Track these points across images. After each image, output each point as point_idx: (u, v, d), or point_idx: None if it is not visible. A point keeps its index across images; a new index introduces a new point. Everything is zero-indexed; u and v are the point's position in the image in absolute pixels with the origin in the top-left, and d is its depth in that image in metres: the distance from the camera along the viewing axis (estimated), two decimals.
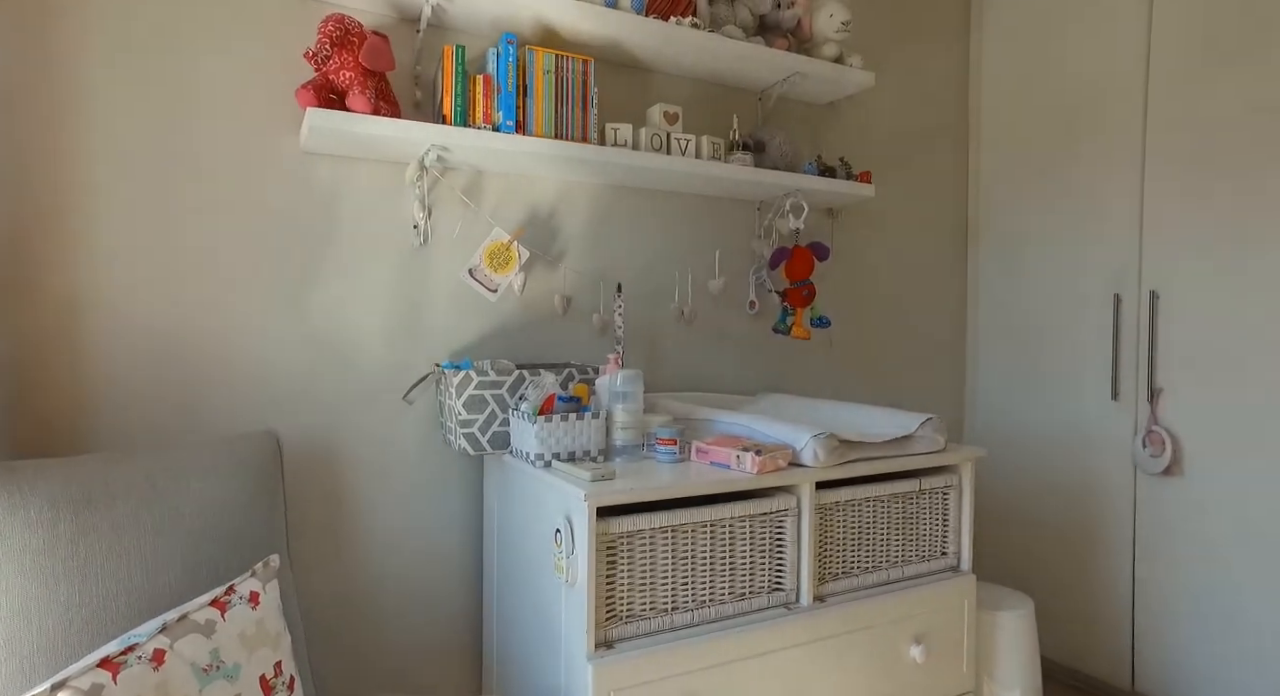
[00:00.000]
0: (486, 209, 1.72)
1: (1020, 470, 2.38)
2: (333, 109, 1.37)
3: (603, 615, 1.23)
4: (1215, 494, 1.91)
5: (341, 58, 1.35)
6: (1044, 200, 2.31)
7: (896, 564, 1.54)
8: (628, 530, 1.25)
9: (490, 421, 1.50)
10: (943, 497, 1.60)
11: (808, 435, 1.38)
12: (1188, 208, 1.96)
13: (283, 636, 1.00)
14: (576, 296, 1.83)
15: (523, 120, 1.57)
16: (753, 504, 1.36)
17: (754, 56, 1.84)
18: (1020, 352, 2.38)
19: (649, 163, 1.70)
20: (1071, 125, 2.23)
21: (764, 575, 1.39)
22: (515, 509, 1.50)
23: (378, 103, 1.40)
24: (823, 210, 2.21)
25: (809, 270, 1.92)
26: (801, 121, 2.19)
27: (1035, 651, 1.71)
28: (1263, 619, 1.82)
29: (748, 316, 2.08)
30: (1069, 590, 2.23)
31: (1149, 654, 2.04)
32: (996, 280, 2.46)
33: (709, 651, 1.29)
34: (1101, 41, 2.15)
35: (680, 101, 1.98)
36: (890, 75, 2.36)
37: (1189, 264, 1.96)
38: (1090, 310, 2.18)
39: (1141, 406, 2.06)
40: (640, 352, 1.93)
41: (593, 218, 1.86)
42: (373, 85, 1.39)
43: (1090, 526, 2.18)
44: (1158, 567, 2.02)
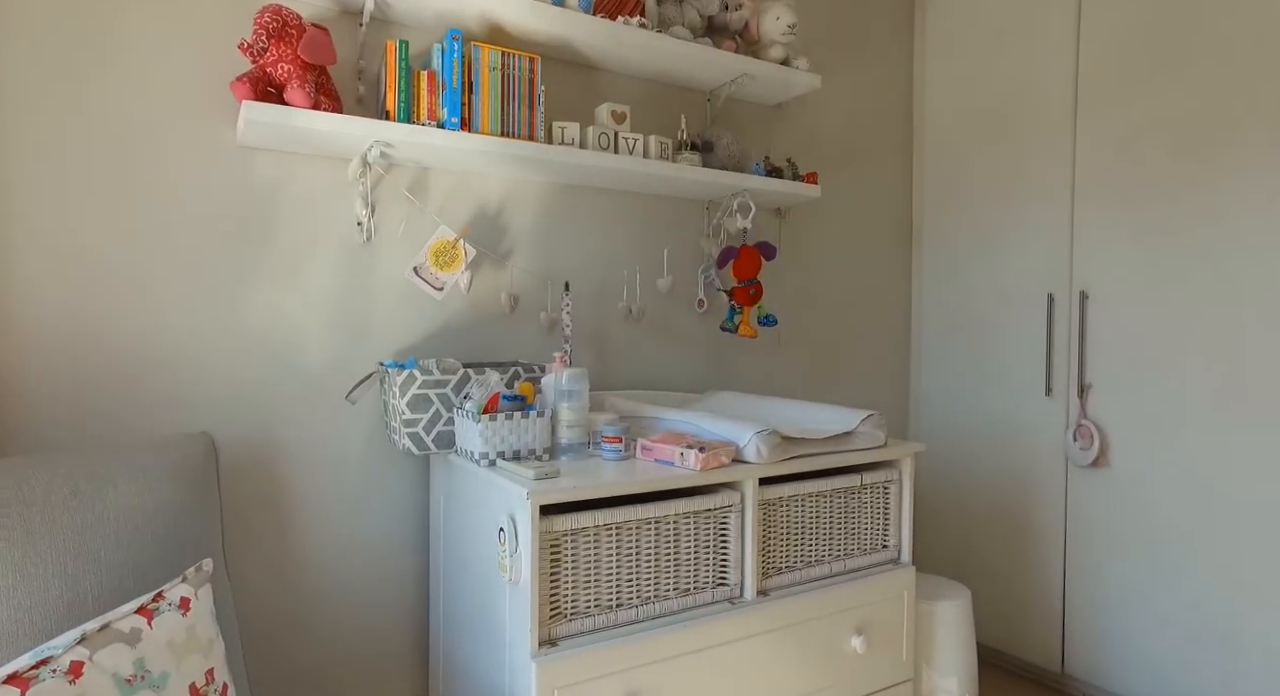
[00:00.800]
0: (432, 206, 1.70)
1: (961, 464, 2.45)
2: (270, 102, 1.34)
3: (546, 613, 1.23)
4: (1137, 484, 2.00)
5: (279, 50, 1.32)
6: (983, 203, 2.38)
7: (838, 557, 1.58)
8: (571, 528, 1.26)
9: (435, 421, 1.49)
10: (884, 492, 1.64)
11: (751, 432, 1.40)
12: (1113, 212, 2.05)
13: (215, 642, 0.98)
14: (524, 295, 1.82)
15: (468, 117, 1.55)
16: (697, 500, 1.38)
17: (701, 57, 1.86)
18: (962, 350, 2.46)
19: (596, 162, 1.70)
20: (1008, 132, 2.31)
21: (708, 570, 1.41)
22: (460, 508, 1.50)
23: (318, 97, 1.37)
24: (771, 210, 2.25)
25: (756, 269, 1.95)
26: (750, 122, 2.22)
27: (972, 639, 1.77)
28: (1177, 601, 1.91)
29: (696, 315, 2.11)
30: (1005, 578, 2.32)
31: (1078, 637, 2.13)
32: (939, 280, 2.53)
33: (653, 647, 1.30)
34: (1035, 54, 2.23)
35: (628, 101, 1.98)
36: (837, 79, 2.41)
37: (1115, 265, 2.05)
38: (1026, 309, 2.26)
39: (1072, 401, 2.14)
40: (588, 351, 1.93)
41: (540, 216, 1.86)
42: (313, 79, 1.36)
43: (1025, 517, 2.26)
44: (1087, 555, 2.11)
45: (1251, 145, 1.78)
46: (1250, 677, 1.79)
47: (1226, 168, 1.83)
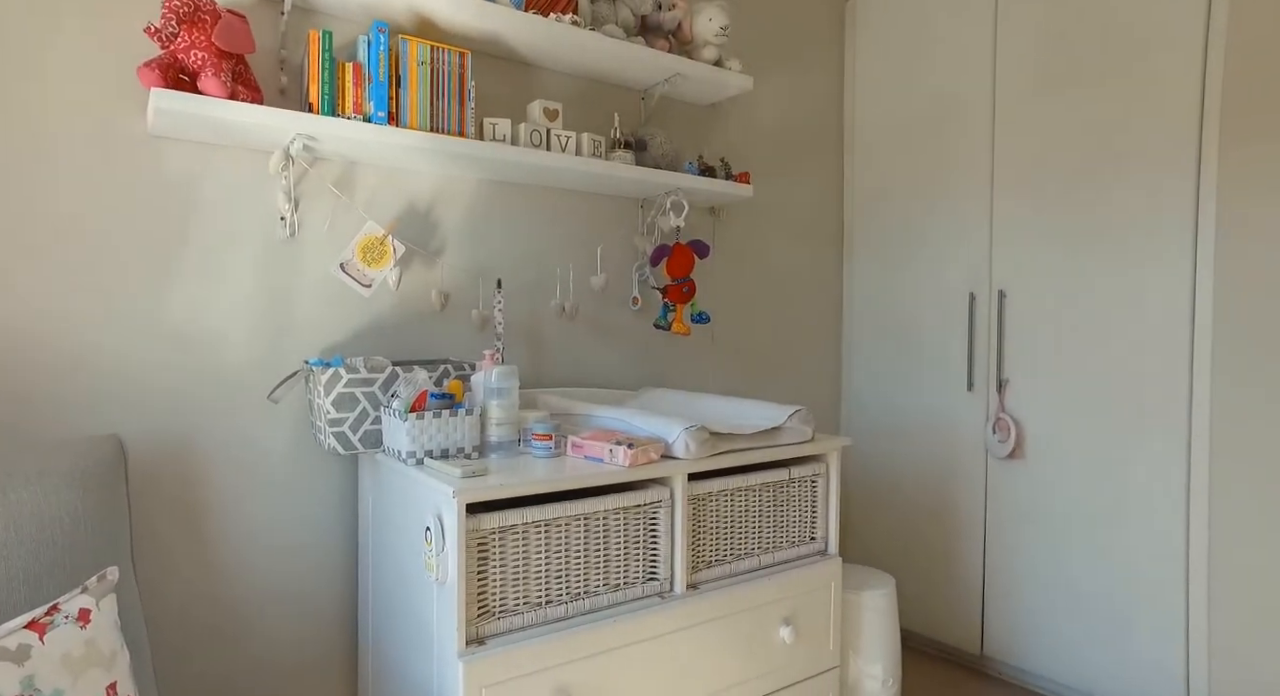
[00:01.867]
0: (360, 201, 1.66)
1: (889, 456, 2.53)
2: (182, 91, 1.29)
3: (474, 611, 1.23)
4: (1049, 474, 2.11)
5: (192, 36, 1.27)
6: (910, 204, 2.47)
7: (767, 550, 1.61)
8: (500, 526, 1.26)
9: (362, 419, 1.46)
10: (811, 485, 1.68)
11: (679, 428, 1.42)
12: (1028, 215, 2.15)
13: (119, 655, 0.94)
14: (455, 292, 1.80)
15: (396, 112, 1.53)
16: (627, 496, 1.39)
17: (634, 56, 1.87)
18: (890, 347, 2.54)
19: (528, 159, 1.69)
20: (933, 137, 2.39)
21: (638, 565, 1.42)
22: (389, 508, 1.47)
23: (235, 87, 1.33)
24: (704, 209, 2.28)
25: (689, 267, 1.97)
26: (684, 121, 2.24)
27: (896, 626, 1.83)
28: (1086, 583, 2.02)
29: (631, 312, 2.12)
30: (929, 566, 2.41)
31: (996, 620, 2.24)
32: (869, 279, 2.61)
33: (583, 642, 1.31)
34: (957, 64, 2.32)
35: (562, 98, 1.98)
36: (770, 81, 2.45)
37: (1030, 265, 2.15)
38: (950, 308, 2.35)
39: (992, 396, 2.24)
40: (521, 348, 1.92)
41: (472, 212, 1.84)
42: (229, 68, 1.31)
43: (948, 507, 2.36)
44: (1005, 542, 2.21)
45: (1148, 157, 1.90)
46: (1140, 653, 1.91)
47: (1127, 177, 1.94)
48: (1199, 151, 1.82)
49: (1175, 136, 1.85)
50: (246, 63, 1.39)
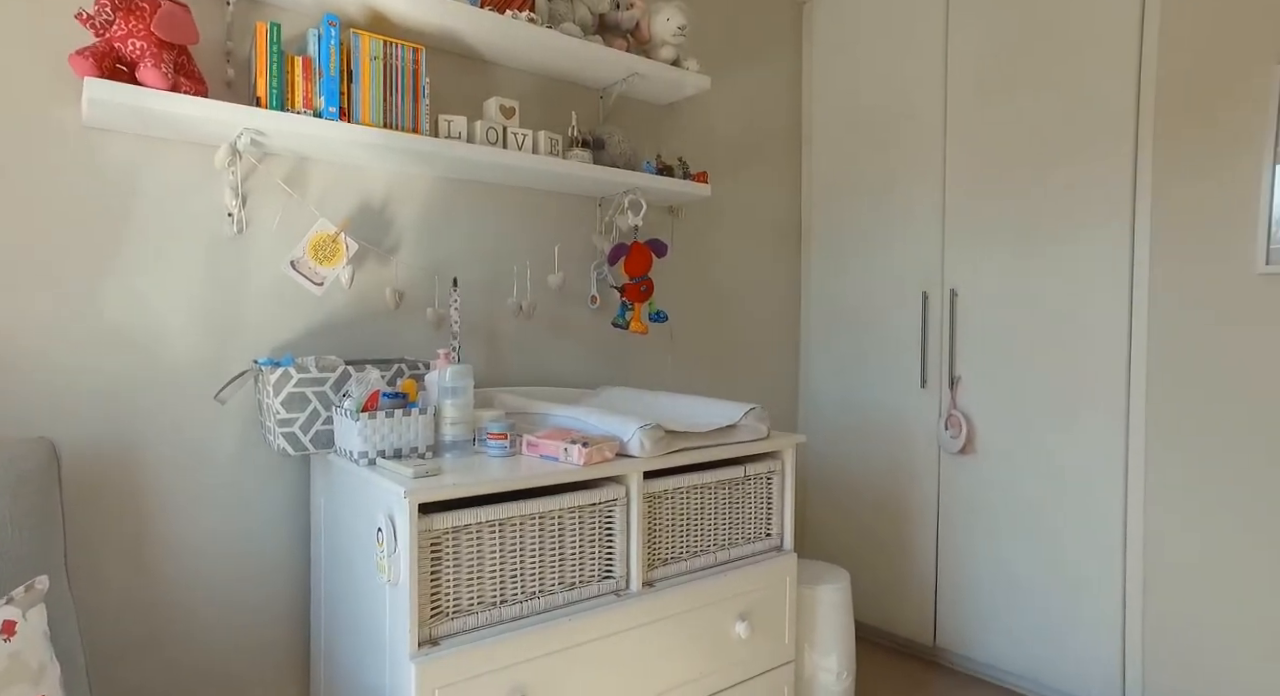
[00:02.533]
0: (311, 198, 1.63)
1: (845, 452, 2.58)
2: (119, 81, 1.25)
3: (427, 613, 1.22)
4: (998, 469, 2.16)
5: (129, 24, 1.23)
6: (867, 205, 2.51)
7: (723, 546, 1.63)
8: (453, 526, 1.25)
9: (313, 420, 1.43)
10: (766, 482, 1.70)
11: (634, 427, 1.43)
12: (979, 215, 2.20)
13: (48, 668, 0.91)
14: (410, 290, 1.78)
15: (348, 107, 1.50)
16: (582, 495, 1.39)
17: (591, 55, 1.87)
18: (847, 345, 2.58)
19: (484, 157, 1.68)
20: (887, 139, 2.44)
21: (594, 564, 1.42)
22: (341, 509, 1.45)
23: (177, 78, 1.29)
24: (663, 208, 2.29)
25: (647, 266, 1.98)
26: (642, 120, 2.24)
27: (850, 620, 1.87)
28: (1032, 574, 2.09)
29: (589, 311, 2.12)
30: (884, 560, 2.46)
31: (948, 612, 2.29)
32: (826, 277, 2.65)
33: (538, 642, 1.31)
34: (911, 67, 2.36)
35: (519, 95, 1.97)
36: (728, 81, 2.47)
37: (980, 265, 2.20)
38: (904, 306, 2.40)
39: (944, 393, 2.29)
40: (478, 347, 1.91)
41: (428, 210, 1.82)
42: (170, 58, 1.28)
43: (902, 501, 2.41)
44: (957, 536, 2.27)
45: (1087, 158, 1.96)
46: (1080, 640, 1.98)
47: (1068, 178, 2.00)
48: (1135, 154, 1.89)
49: (1112, 139, 1.92)
50: (190, 54, 1.36)
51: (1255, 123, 1.69)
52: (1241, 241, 1.72)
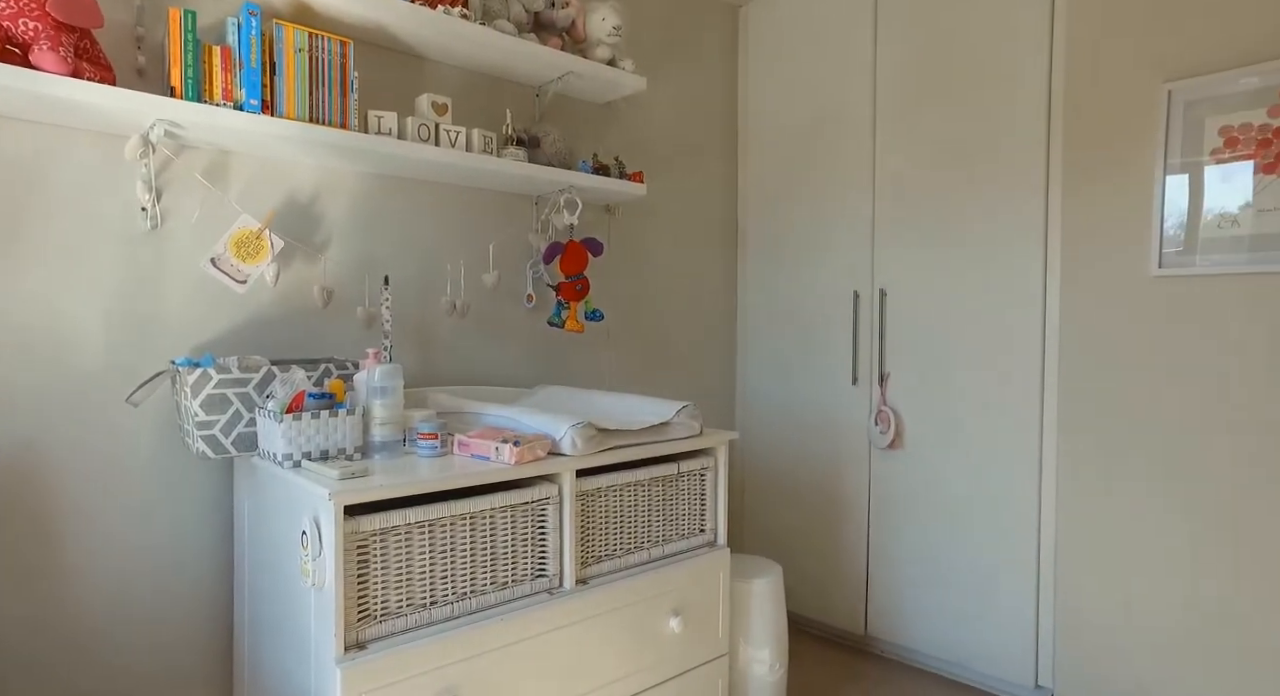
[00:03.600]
0: (233, 193, 1.58)
1: (781, 449, 2.64)
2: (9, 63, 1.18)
3: (353, 616, 1.20)
4: (924, 462, 2.25)
5: (20, 3, 1.16)
6: (801, 206, 2.57)
7: (657, 543, 1.65)
8: (381, 527, 1.23)
9: (235, 422, 1.39)
10: (700, 479, 1.73)
11: (566, 425, 1.43)
12: (906, 217, 2.28)
13: None
14: (339, 289, 1.75)
15: (271, 100, 1.46)
16: (515, 494, 1.39)
17: (525, 53, 1.86)
18: (782, 343, 2.64)
19: (416, 154, 1.66)
20: (821, 142, 2.50)
21: (526, 562, 1.42)
22: (265, 513, 1.41)
23: (79, 63, 1.23)
24: (600, 207, 2.29)
25: (583, 265, 1.98)
26: (579, 119, 2.25)
27: (783, 613, 1.91)
28: (956, 562, 2.18)
29: (525, 310, 2.11)
30: (818, 552, 2.52)
31: (879, 601, 2.37)
32: (762, 277, 2.70)
33: (470, 642, 1.30)
34: (842, 74, 2.43)
35: (452, 92, 1.95)
36: (666, 82, 2.50)
37: (907, 266, 2.29)
38: (837, 306, 2.47)
39: (874, 389, 2.37)
40: (410, 346, 1.88)
41: (358, 207, 1.79)
42: (70, 42, 1.22)
43: (834, 495, 2.48)
44: (886, 528, 2.35)
45: (1004, 166, 2.06)
46: (999, 623, 2.08)
47: (990, 187, 2.10)
48: (1046, 163, 1.99)
49: (1026, 149, 2.01)
50: (94, 38, 1.30)
51: (1148, 138, 1.80)
52: (1139, 246, 1.83)
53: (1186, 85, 1.74)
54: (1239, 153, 1.67)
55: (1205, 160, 1.72)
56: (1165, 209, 1.77)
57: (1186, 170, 1.74)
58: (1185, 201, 1.74)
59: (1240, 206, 1.67)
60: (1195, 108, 1.73)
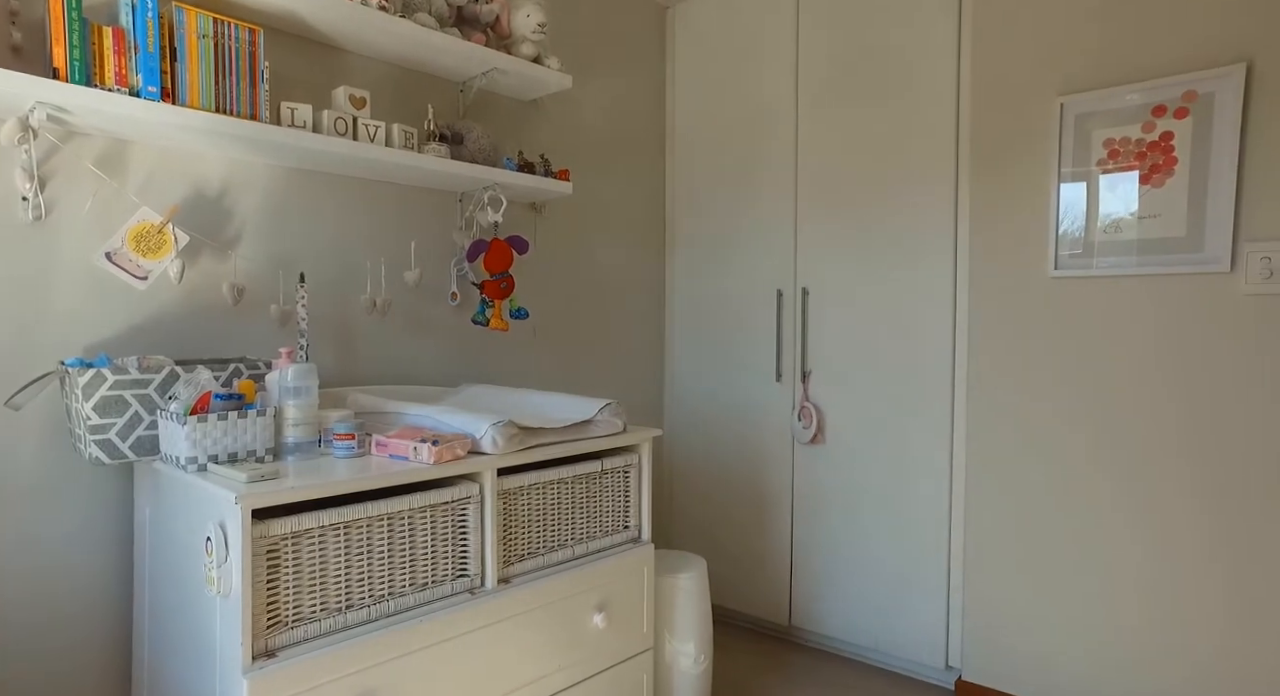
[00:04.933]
0: (131, 184, 1.50)
1: (708, 445, 2.68)
2: None
3: (262, 624, 1.16)
4: (845, 456, 2.33)
5: None
6: (727, 205, 2.62)
7: (581, 540, 1.65)
8: (293, 530, 1.19)
9: (134, 425, 1.33)
10: (624, 476, 1.75)
11: (487, 424, 1.42)
12: (826, 217, 2.36)
13: None
14: (252, 286, 1.68)
15: (172, 88, 1.39)
16: (434, 493, 1.37)
17: (448, 47, 1.84)
18: (709, 340, 2.68)
19: (333, 148, 1.61)
20: (746, 143, 2.56)
21: (447, 563, 1.41)
22: (168, 520, 1.35)
23: None
24: (526, 204, 2.28)
25: (508, 263, 1.97)
26: (505, 116, 2.23)
27: (707, 606, 1.95)
28: (874, 552, 2.26)
29: (449, 308, 2.08)
30: (744, 546, 2.58)
31: (802, 592, 2.44)
32: (689, 275, 2.74)
33: (388, 645, 1.28)
34: (766, 76, 2.49)
35: (371, 85, 1.90)
36: (593, 81, 2.50)
37: (828, 265, 2.36)
38: (761, 304, 2.53)
39: (797, 386, 2.44)
40: (329, 345, 1.83)
41: (272, 201, 1.72)
42: None
43: (759, 490, 2.54)
44: (808, 520, 2.42)
45: (920, 174, 2.15)
46: (914, 610, 2.17)
47: (901, 186, 2.19)
48: (956, 169, 2.09)
49: (938, 155, 2.11)
50: None
51: (1045, 147, 1.92)
52: (1038, 249, 1.94)
53: (1077, 99, 1.86)
54: (1120, 164, 1.80)
55: (1094, 170, 1.84)
56: (1061, 214, 1.89)
57: (1078, 179, 1.86)
58: (1083, 207, 1.86)
59: (1128, 213, 1.80)
60: (1084, 120, 1.85)
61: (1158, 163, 1.75)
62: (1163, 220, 1.75)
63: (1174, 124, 1.72)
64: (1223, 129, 1.66)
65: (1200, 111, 1.69)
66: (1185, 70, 1.71)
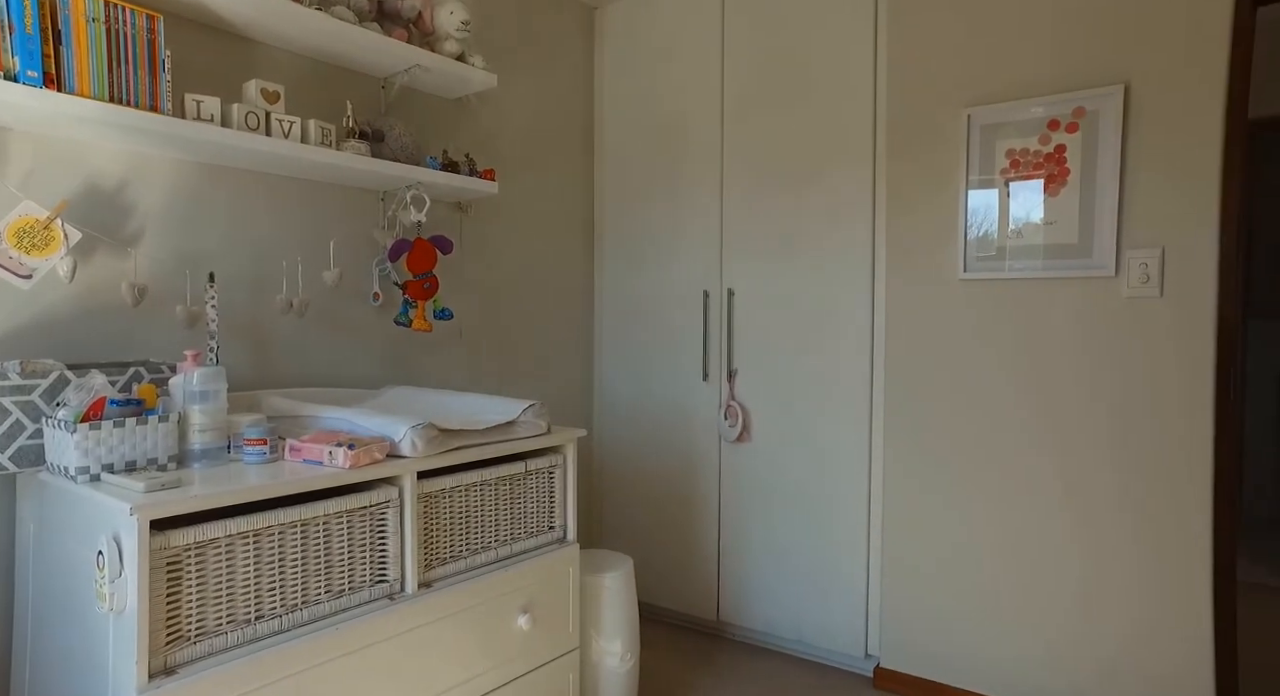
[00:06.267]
0: (11, 177, 1.41)
1: (637, 445, 2.70)
2: None
3: (160, 640, 1.11)
4: (770, 453, 2.39)
5: None
6: (654, 207, 2.64)
7: (505, 542, 1.64)
8: (196, 541, 1.15)
9: (14, 434, 1.25)
10: (548, 476, 1.74)
11: (405, 427, 1.40)
12: (750, 218, 2.41)
13: None
14: (155, 286, 1.60)
15: (57, 74, 1.31)
16: (352, 498, 1.34)
17: (367, 43, 1.79)
18: (637, 341, 2.70)
19: (243, 143, 1.55)
20: (673, 144, 2.59)
21: (365, 568, 1.38)
22: (56, 535, 1.27)
23: None
24: (451, 204, 2.25)
25: (431, 263, 1.94)
26: (429, 114, 2.19)
27: (634, 604, 1.96)
28: (798, 546, 2.33)
29: (371, 308, 2.03)
30: (673, 544, 2.61)
31: (729, 588, 2.49)
32: (618, 275, 2.75)
33: (301, 655, 1.24)
34: (692, 80, 2.53)
35: (287, 79, 1.84)
36: (520, 80, 2.49)
37: (753, 266, 2.41)
38: (688, 305, 2.56)
39: (723, 385, 2.48)
40: (243, 348, 1.76)
41: (177, 197, 1.65)
42: None
43: (688, 488, 2.57)
44: (735, 517, 2.47)
45: (839, 178, 2.22)
46: (836, 601, 2.25)
47: (824, 193, 2.26)
48: (873, 174, 2.17)
49: (856, 161, 2.19)
50: None
51: (953, 156, 2.02)
52: (949, 252, 2.04)
53: (982, 111, 1.96)
54: (1021, 173, 1.91)
55: (998, 178, 1.94)
56: (970, 219, 1.99)
57: (985, 186, 1.96)
58: (993, 213, 1.95)
59: (1034, 220, 1.90)
60: (989, 131, 1.95)
61: (1053, 173, 1.86)
62: (1059, 227, 1.86)
63: (1066, 137, 1.83)
64: (1106, 144, 1.78)
65: (1088, 127, 1.80)
66: (1075, 88, 1.83)
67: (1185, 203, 1.71)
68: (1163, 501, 1.75)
